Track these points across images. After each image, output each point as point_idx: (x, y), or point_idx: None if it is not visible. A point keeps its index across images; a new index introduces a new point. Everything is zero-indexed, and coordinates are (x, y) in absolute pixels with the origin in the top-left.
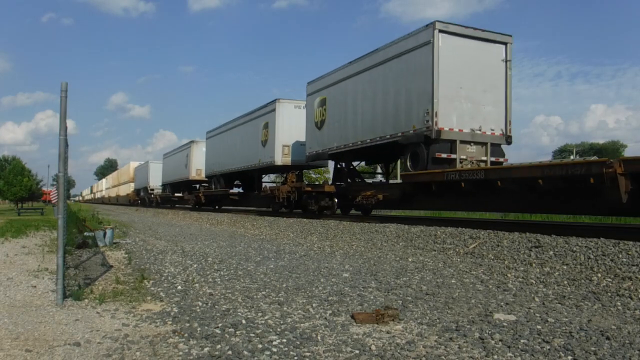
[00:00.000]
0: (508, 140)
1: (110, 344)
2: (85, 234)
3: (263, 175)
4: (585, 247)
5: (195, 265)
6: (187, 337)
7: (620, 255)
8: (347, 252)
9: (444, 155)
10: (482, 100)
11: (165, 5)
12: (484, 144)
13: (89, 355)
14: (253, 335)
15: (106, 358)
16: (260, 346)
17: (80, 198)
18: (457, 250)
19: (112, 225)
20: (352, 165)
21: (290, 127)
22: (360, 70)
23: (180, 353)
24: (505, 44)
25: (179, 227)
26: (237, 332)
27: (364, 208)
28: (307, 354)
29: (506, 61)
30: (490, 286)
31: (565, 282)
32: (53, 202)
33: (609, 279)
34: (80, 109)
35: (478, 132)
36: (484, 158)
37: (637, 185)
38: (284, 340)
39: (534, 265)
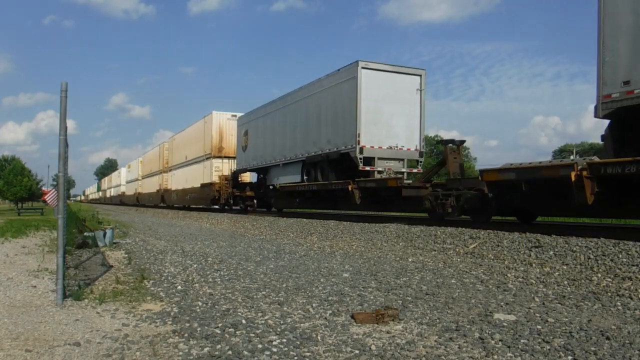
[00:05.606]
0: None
1: (110, 344)
2: (85, 234)
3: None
4: (585, 247)
5: (195, 265)
6: (187, 337)
7: (620, 255)
8: (347, 252)
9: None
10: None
11: (165, 7)
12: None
13: (89, 355)
14: (253, 335)
15: (106, 358)
16: (260, 346)
17: (83, 198)
18: (457, 250)
19: (112, 225)
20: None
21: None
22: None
23: (180, 353)
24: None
25: (178, 227)
26: (237, 332)
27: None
28: (307, 354)
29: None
30: (490, 286)
31: (565, 282)
32: (48, 203)
33: (609, 279)
34: (81, 109)
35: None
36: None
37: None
38: (284, 340)
39: (534, 265)
